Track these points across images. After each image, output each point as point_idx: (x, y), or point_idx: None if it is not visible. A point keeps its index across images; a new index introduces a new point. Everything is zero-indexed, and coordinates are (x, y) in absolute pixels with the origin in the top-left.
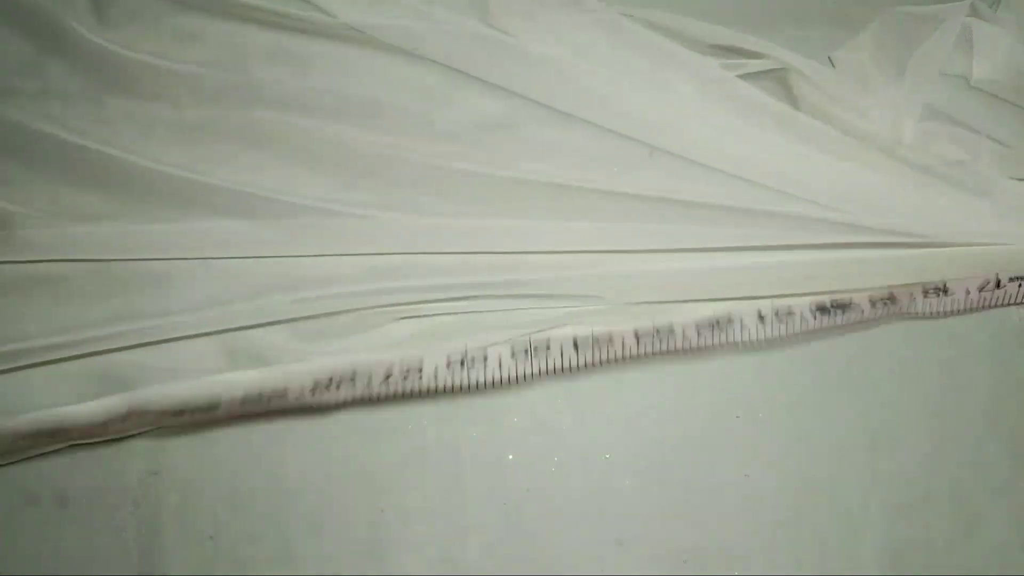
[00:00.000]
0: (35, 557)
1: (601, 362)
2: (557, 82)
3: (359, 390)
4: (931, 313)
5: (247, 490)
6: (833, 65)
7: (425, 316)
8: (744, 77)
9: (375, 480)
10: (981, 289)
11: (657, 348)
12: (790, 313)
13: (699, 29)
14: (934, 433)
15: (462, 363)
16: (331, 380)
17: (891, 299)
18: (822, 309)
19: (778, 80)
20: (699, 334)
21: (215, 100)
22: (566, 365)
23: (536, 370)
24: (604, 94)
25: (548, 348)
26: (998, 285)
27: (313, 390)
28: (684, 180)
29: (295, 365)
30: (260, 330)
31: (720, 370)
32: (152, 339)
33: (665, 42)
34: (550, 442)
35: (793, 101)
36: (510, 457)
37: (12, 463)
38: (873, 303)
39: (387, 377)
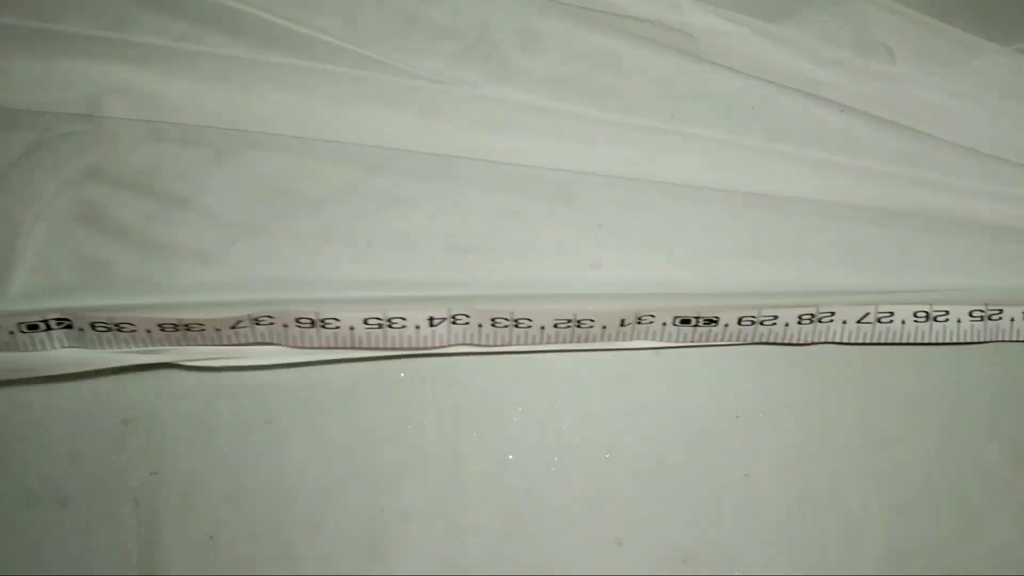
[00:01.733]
0: (35, 557)
1: None
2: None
3: None
4: None
5: (247, 490)
6: None
7: None
8: None
9: (375, 480)
10: None
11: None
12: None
13: None
14: (934, 433)
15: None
16: None
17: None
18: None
19: None
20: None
21: None
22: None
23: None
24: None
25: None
26: None
27: None
28: None
29: None
30: None
31: (720, 370)
32: None
33: None
34: (550, 442)
35: None
36: (510, 457)
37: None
38: None
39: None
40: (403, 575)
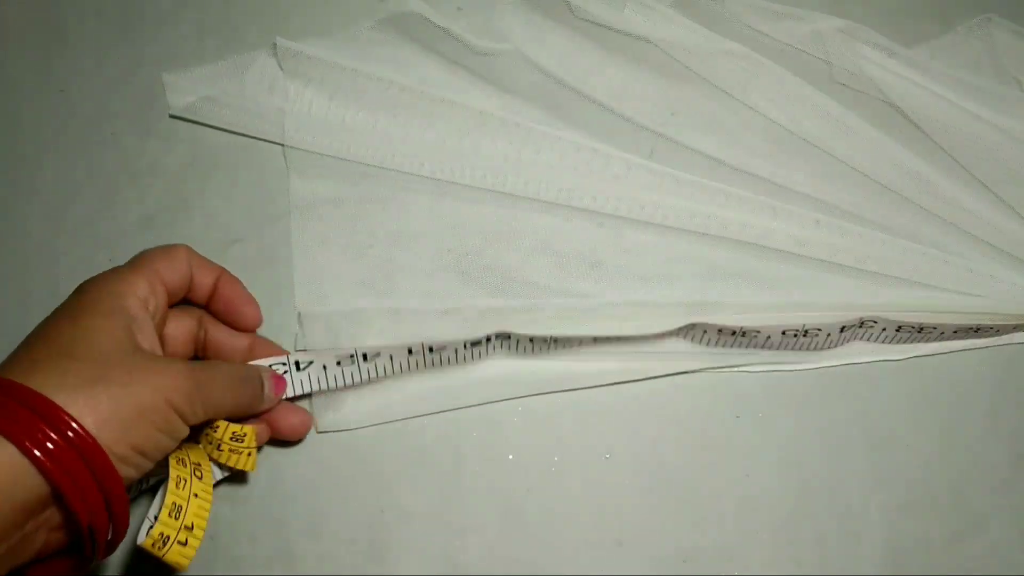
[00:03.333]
0: None
1: None
2: None
3: None
4: None
5: (247, 490)
6: None
7: None
8: None
9: (375, 480)
10: None
11: None
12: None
13: None
14: (934, 433)
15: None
16: None
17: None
18: None
19: None
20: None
21: None
22: None
23: None
24: None
25: None
26: None
27: None
28: None
29: None
30: None
31: (719, 370)
32: None
33: None
34: (550, 442)
35: None
36: (510, 457)
37: None
38: None
39: None
40: (403, 575)
